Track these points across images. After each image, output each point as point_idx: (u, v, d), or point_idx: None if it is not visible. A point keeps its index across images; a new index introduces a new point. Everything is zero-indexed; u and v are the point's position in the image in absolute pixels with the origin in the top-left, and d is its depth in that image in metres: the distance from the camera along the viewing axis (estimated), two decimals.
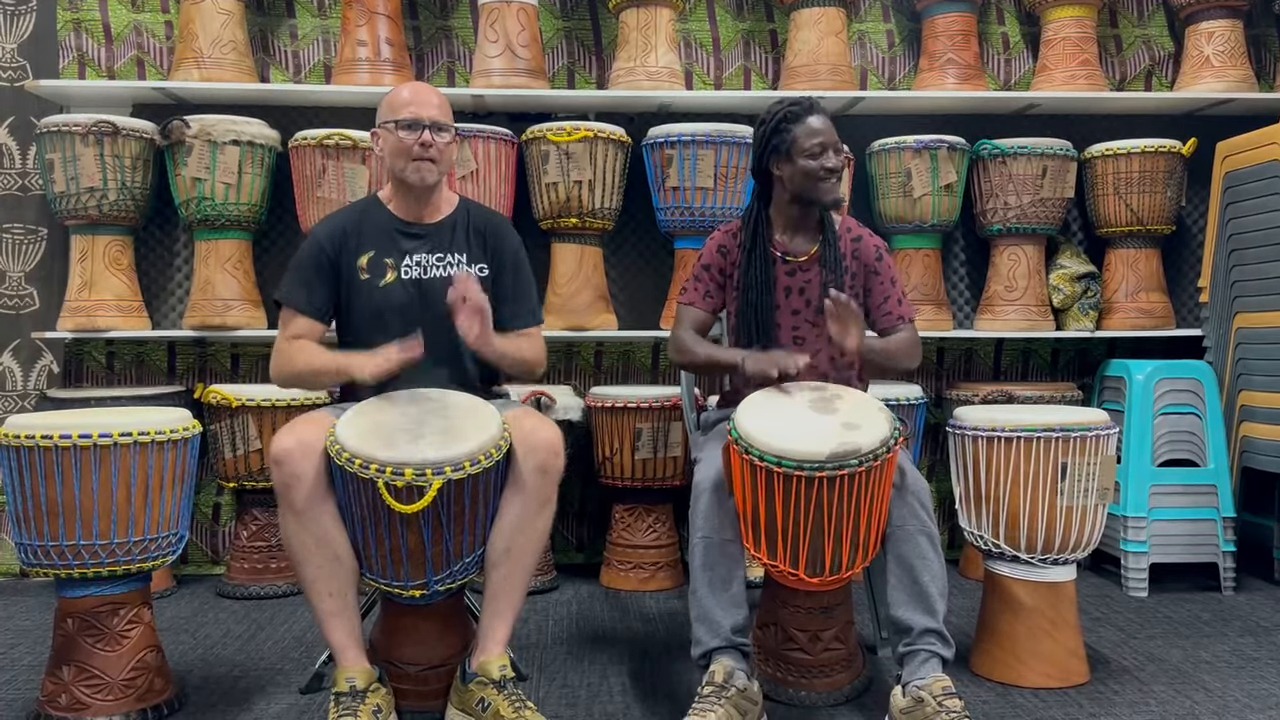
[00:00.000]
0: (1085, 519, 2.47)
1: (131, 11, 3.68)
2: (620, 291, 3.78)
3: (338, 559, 2.10)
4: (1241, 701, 2.36)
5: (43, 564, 2.19)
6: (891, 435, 2.15)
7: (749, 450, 2.12)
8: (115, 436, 2.16)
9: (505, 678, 2.11)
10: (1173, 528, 3.31)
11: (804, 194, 2.42)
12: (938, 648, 2.18)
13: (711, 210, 3.43)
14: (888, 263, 2.54)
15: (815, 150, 2.38)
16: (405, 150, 2.31)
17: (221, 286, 3.43)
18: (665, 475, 3.36)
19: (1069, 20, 3.69)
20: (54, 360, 3.65)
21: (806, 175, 2.39)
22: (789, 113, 2.41)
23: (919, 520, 2.22)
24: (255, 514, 3.36)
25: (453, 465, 2.03)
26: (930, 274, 3.67)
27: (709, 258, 2.56)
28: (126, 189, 3.37)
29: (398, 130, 2.31)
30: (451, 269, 2.36)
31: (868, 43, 3.89)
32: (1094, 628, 2.91)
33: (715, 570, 2.20)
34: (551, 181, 3.44)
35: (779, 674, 2.38)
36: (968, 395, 3.54)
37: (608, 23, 3.80)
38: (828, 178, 2.39)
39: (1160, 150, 3.64)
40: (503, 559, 2.15)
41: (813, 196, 2.42)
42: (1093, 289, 3.71)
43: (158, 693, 2.29)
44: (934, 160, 3.56)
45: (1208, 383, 3.37)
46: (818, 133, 2.38)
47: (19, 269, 3.63)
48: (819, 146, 2.38)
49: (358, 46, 3.50)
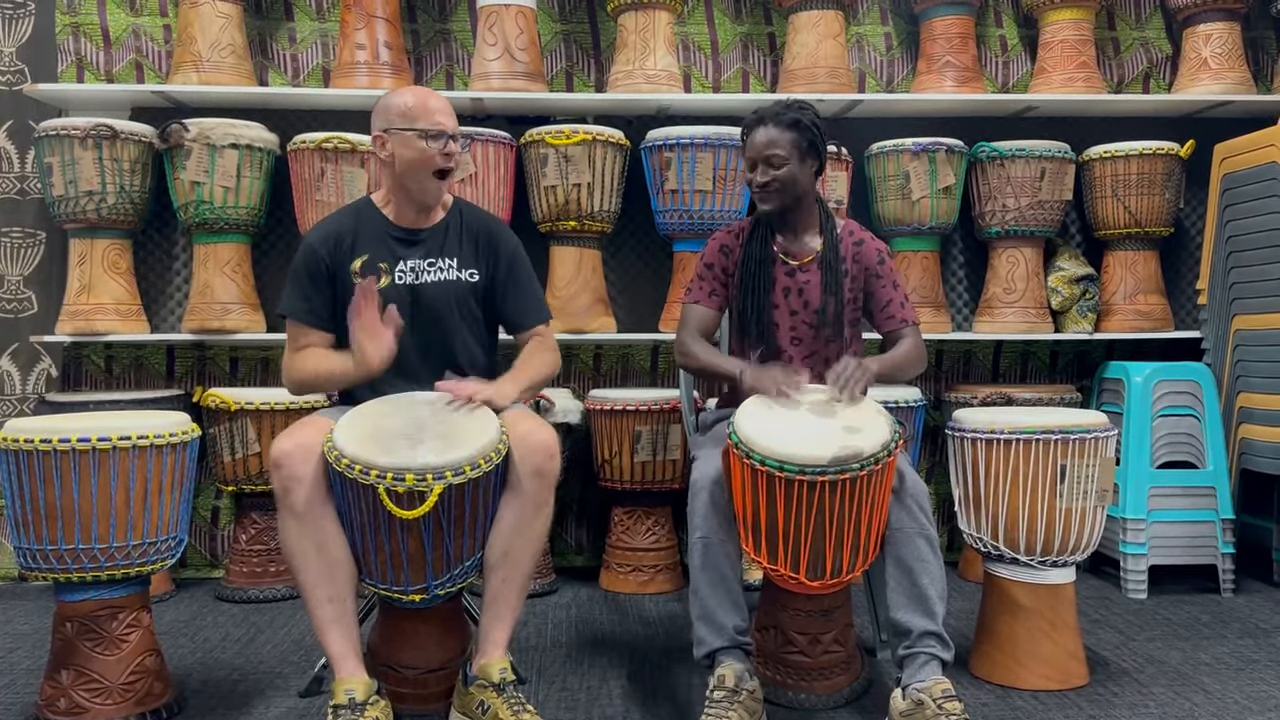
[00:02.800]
0: (1084, 521, 2.47)
1: (130, 15, 3.68)
2: (619, 294, 3.78)
3: (337, 563, 2.10)
4: (1241, 704, 2.36)
5: (41, 568, 2.19)
6: (892, 438, 2.15)
7: (749, 455, 2.12)
8: (114, 440, 2.16)
9: (505, 681, 2.11)
10: (1172, 530, 3.31)
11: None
12: (937, 650, 2.18)
13: (710, 213, 3.43)
14: (890, 266, 2.55)
15: (750, 163, 2.49)
16: (428, 161, 2.29)
17: (220, 290, 3.43)
18: (664, 478, 3.36)
19: (1067, 23, 3.69)
20: (53, 364, 3.64)
21: (749, 184, 2.50)
22: (747, 121, 2.51)
23: (918, 523, 2.22)
24: (254, 517, 3.35)
25: (453, 470, 2.03)
26: (929, 276, 3.67)
27: (712, 257, 2.57)
28: (125, 192, 3.37)
29: (421, 140, 2.28)
30: (444, 274, 2.36)
31: (866, 45, 3.89)
32: (1093, 630, 2.91)
33: (716, 570, 2.20)
34: (550, 184, 3.44)
35: (778, 677, 2.38)
36: (966, 397, 3.54)
37: (606, 26, 3.81)
38: (759, 191, 2.48)
39: (1158, 152, 3.64)
40: (501, 562, 2.15)
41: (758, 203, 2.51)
42: (1091, 291, 3.71)
43: (157, 696, 2.29)
44: (932, 163, 3.57)
45: (1206, 385, 3.37)
46: (756, 145, 2.47)
47: (17, 273, 3.63)
48: (750, 161, 2.49)
49: (356, 50, 3.50)
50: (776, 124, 2.44)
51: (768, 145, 2.44)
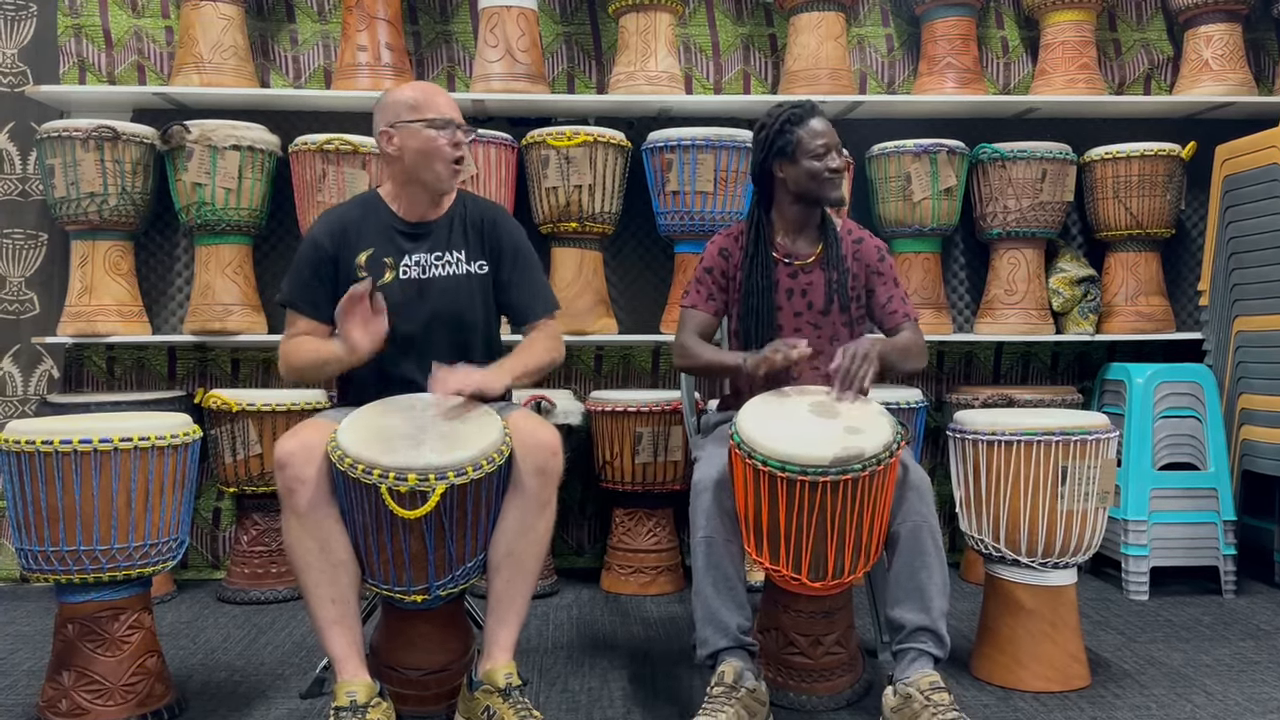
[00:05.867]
0: (1086, 522, 2.47)
1: (132, 17, 3.68)
2: (620, 295, 3.78)
3: (340, 564, 2.10)
4: (1242, 705, 2.36)
5: (43, 569, 2.19)
6: (894, 439, 2.15)
7: (751, 455, 2.12)
8: (115, 442, 2.16)
9: (511, 686, 2.10)
10: (1173, 531, 3.31)
11: (808, 194, 2.47)
12: (929, 646, 2.18)
13: (711, 214, 3.43)
14: (890, 263, 2.56)
15: (820, 151, 2.43)
16: (437, 151, 2.29)
17: (222, 291, 3.43)
18: (666, 479, 3.36)
19: (1068, 24, 3.69)
20: (54, 365, 3.65)
21: (812, 176, 2.44)
22: (792, 115, 2.46)
23: (920, 514, 2.22)
24: (255, 519, 3.35)
25: (455, 470, 2.02)
26: (930, 278, 3.67)
27: (710, 260, 2.57)
28: (127, 194, 3.37)
29: (430, 129, 2.28)
30: (451, 267, 2.36)
31: (867, 47, 3.89)
32: (1094, 631, 2.91)
33: (719, 570, 2.20)
34: (551, 186, 3.45)
35: (780, 678, 2.38)
36: (968, 399, 3.54)
37: (607, 27, 3.81)
38: (832, 177, 2.45)
39: (1159, 154, 3.64)
40: (504, 562, 2.15)
41: (817, 195, 2.47)
42: (1093, 292, 3.71)
43: (158, 698, 2.29)
44: (934, 164, 3.57)
45: (1208, 386, 3.37)
46: (821, 134, 2.44)
47: (19, 274, 3.63)
48: (823, 147, 2.43)
49: (358, 51, 3.50)
50: (823, 116, 2.47)
51: (830, 133, 2.45)
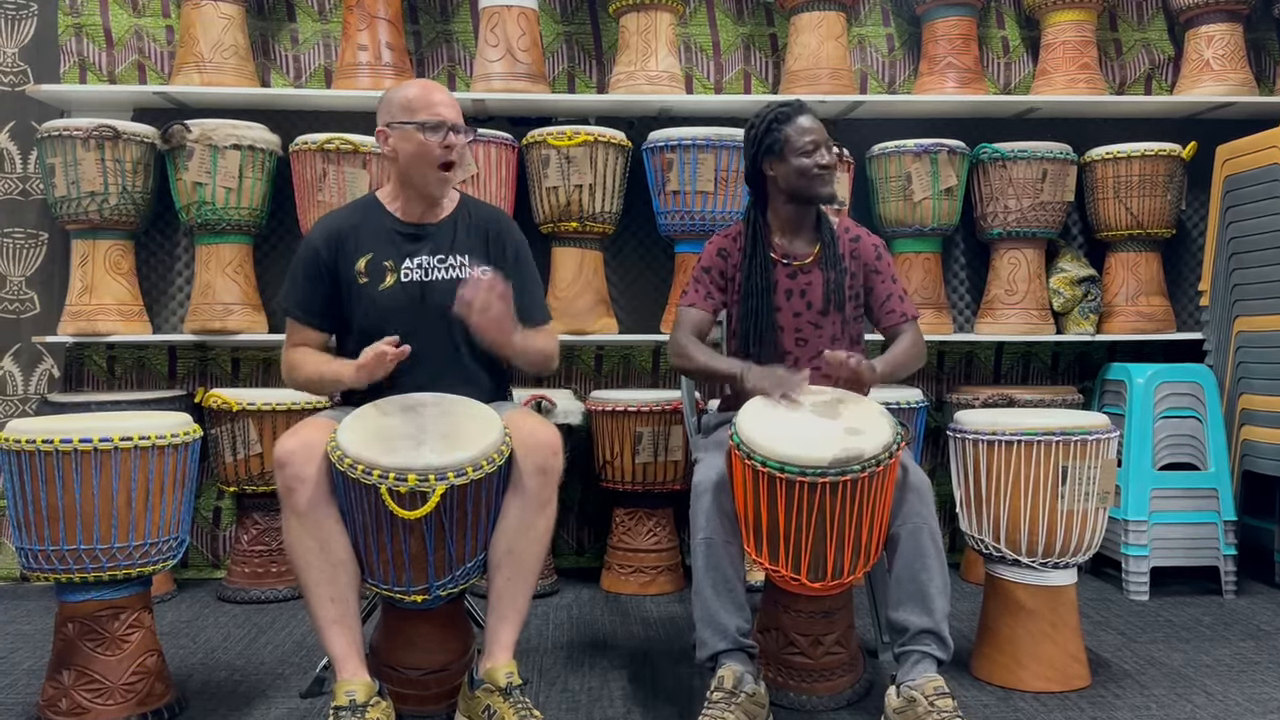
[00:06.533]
0: (1086, 523, 2.47)
1: (132, 16, 3.68)
2: (621, 295, 3.78)
3: (340, 563, 2.10)
4: (1242, 705, 2.36)
5: (43, 568, 2.19)
6: (894, 440, 2.15)
7: (751, 455, 2.12)
8: (116, 441, 2.16)
9: (511, 685, 2.10)
10: (1173, 531, 3.30)
11: (800, 191, 2.46)
12: (932, 648, 2.18)
13: (712, 214, 3.43)
14: (887, 261, 2.56)
15: (808, 147, 2.43)
16: (428, 154, 2.27)
17: (222, 291, 3.43)
18: (666, 479, 3.36)
19: (1069, 24, 3.69)
20: (55, 365, 3.65)
21: (801, 173, 2.44)
22: (779, 113, 2.47)
23: (920, 516, 2.22)
24: (256, 518, 3.35)
25: (455, 471, 2.02)
26: (930, 278, 3.67)
27: (709, 260, 2.56)
28: (127, 193, 3.37)
29: (421, 133, 2.26)
30: (455, 271, 2.33)
31: (868, 47, 3.89)
32: (1095, 631, 2.91)
33: (719, 571, 2.20)
34: (552, 185, 3.44)
35: (780, 678, 2.38)
36: (968, 399, 3.54)
37: (608, 27, 3.81)
38: (822, 173, 2.44)
39: (1160, 154, 3.64)
40: (505, 561, 2.15)
41: (808, 192, 2.46)
42: (1093, 292, 3.71)
43: (158, 697, 2.29)
44: (934, 164, 3.56)
45: (1208, 386, 3.37)
46: (808, 131, 2.44)
47: (20, 273, 3.63)
48: (811, 144, 2.44)
49: (358, 51, 3.50)
50: (811, 113, 2.47)
51: (818, 129, 2.45)
